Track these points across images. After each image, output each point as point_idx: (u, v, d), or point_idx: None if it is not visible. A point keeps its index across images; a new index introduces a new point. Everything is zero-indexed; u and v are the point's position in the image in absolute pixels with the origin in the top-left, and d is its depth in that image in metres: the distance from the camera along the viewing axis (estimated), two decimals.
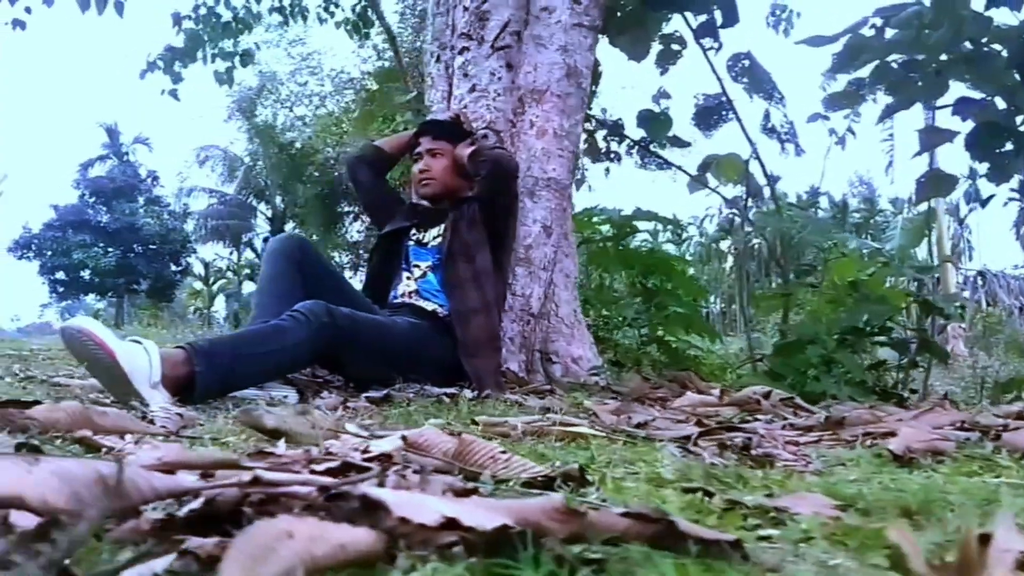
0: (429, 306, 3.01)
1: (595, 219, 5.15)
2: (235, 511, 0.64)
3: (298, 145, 26.67)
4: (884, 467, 1.24)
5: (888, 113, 4.72)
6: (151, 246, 30.49)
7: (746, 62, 5.06)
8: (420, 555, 0.57)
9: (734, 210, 5.12)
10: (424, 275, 3.12)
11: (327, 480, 0.64)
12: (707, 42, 5.07)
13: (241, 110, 26.73)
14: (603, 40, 5.04)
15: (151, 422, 1.47)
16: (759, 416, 2.11)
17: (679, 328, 4.83)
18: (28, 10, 7.55)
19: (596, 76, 5.35)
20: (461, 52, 3.51)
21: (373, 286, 3.25)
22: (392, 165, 3.59)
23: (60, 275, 30.17)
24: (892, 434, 1.50)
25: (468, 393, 2.59)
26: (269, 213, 30.49)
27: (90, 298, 33.84)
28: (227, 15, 8.67)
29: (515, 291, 3.29)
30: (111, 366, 2.03)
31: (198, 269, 35.04)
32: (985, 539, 0.55)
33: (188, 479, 0.68)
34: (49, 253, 29.71)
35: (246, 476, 0.64)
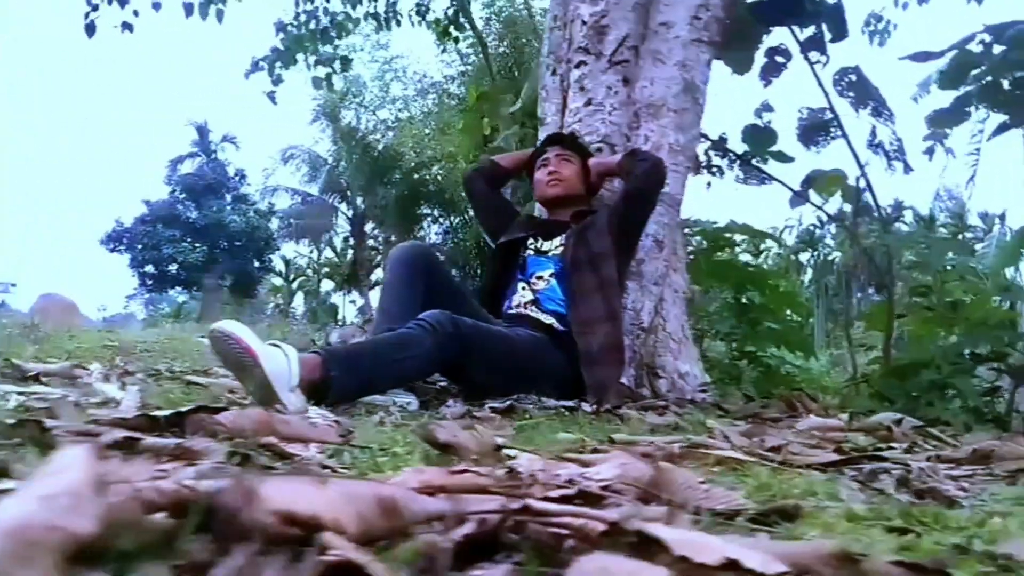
0: (546, 319, 3.04)
1: (689, 231, 5.12)
2: (495, 539, 0.67)
3: (380, 148, 27.04)
4: None
5: (1000, 131, 4.61)
6: (236, 243, 31.19)
7: (853, 76, 4.98)
8: None
9: (838, 225, 5.04)
10: (548, 284, 3.15)
11: (606, 514, 0.66)
12: (814, 56, 5.01)
13: (326, 112, 27.20)
14: None
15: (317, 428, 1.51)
16: (893, 445, 2.08)
17: (771, 343, 4.77)
18: (136, 13, 7.82)
19: None
20: (578, 66, 3.54)
21: (489, 296, 3.30)
22: (508, 180, 3.70)
23: (149, 268, 31.05)
24: None
25: (586, 407, 2.60)
26: (350, 213, 30.98)
27: (174, 292, 34.73)
28: (325, 20, 8.86)
29: (626, 305, 3.29)
30: (254, 369, 2.10)
31: (279, 266, 35.77)
32: None
33: (447, 503, 0.71)
34: (140, 247, 30.59)
35: (513, 504, 0.67)
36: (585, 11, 3.52)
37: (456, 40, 12.27)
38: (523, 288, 3.17)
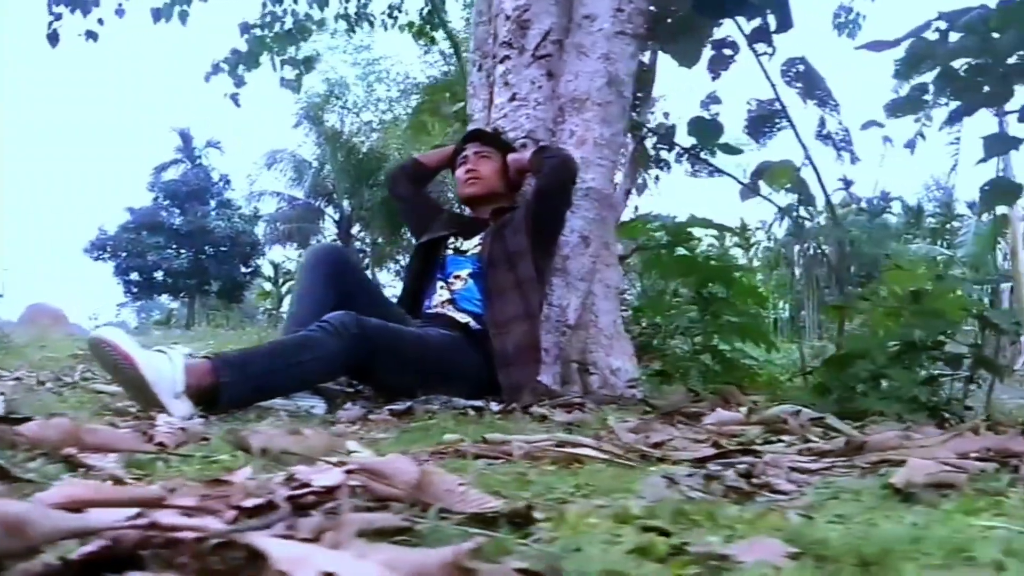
0: (462, 318, 3.01)
1: (649, 226, 5.09)
2: (133, 555, 0.63)
3: (365, 150, 27.02)
4: (885, 501, 1.19)
5: (953, 119, 4.58)
6: (222, 248, 31.12)
7: (800, 67, 4.95)
8: None
9: (789, 218, 5.01)
10: (465, 284, 3.12)
11: (219, 528, 0.62)
12: (760, 47, 4.98)
13: (309, 115, 27.15)
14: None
15: (151, 438, 1.48)
16: (784, 437, 2.05)
17: (734, 337, 4.74)
18: (101, 21, 7.77)
19: (649, 81, 5.31)
20: (502, 61, 3.50)
21: (409, 297, 3.27)
22: (431, 178, 3.67)
23: (134, 276, 30.94)
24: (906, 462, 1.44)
25: (494, 406, 2.57)
26: (336, 216, 30.91)
27: (163, 298, 34.66)
28: (290, 22, 8.83)
29: (551, 302, 3.25)
30: (133, 376, 2.07)
31: (267, 271, 35.67)
32: None
33: (93, 517, 0.67)
34: (124, 254, 30.50)
35: (145, 519, 0.63)
36: (508, 5, 3.48)
37: (432, 40, 12.25)
38: (441, 288, 3.14)
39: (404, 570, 0.57)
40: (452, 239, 3.28)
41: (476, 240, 3.20)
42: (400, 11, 10.74)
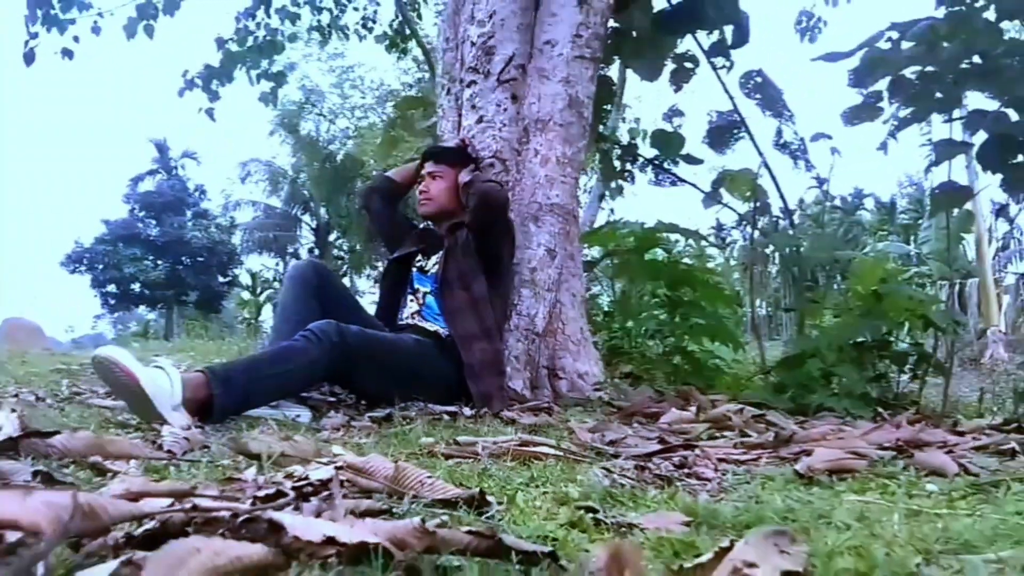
0: (431, 327, 3.20)
1: (619, 232, 5.28)
2: (182, 532, 0.84)
3: (341, 157, 27.13)
4: (789, 484, 1.41)
5: (904, 125, 4.81)
6: (199, 258, 31.16)
7: (758, 79, 5.19)
8: (308, 565, 0.76)
9: (748, 224, 5.24)
10: (424, 302, 3.31)
11: (243, 507, 0.84)
12: (719, 61, 5.23)
13: (284, 124, 27.24)
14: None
15: (160, 448, 1.68)
16: (727, 432, 2.27)
17: (704, 337, 4.94)
18: (76, 39, 7.90)
19: (614, 95, 5.54)
20: (469, 85, 3.71)
21: (384, 310, 3.44)
22: (403, 194, 3.80)
23: (111, 288, 30.94)
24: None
25: (467, 411, 2.78)
26: (313, 224, 31.03)
27: (141, 309, 34.58)
28: (261, 35, 8.98)
29: (520, 311, 3.47)
30: (136, 391, 2.25)
31: (245, 280, 35.71)
32: (724, 551, 0.72)
33: (148, 504, 0.88)
34: (100, 267, 30.49)
35: (188, 503, 0.84)
36: (473, 32, 3.70)
37: (404, 52, 12.44)
38: (411, 300, 3.34)
39: (383, 533, 0.78)
40: (419, 257, 3.45)
41: (434, 259, 3.37)
42: (374, 22, 10.97)
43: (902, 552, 0.84)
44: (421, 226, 3.68)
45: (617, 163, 5.39)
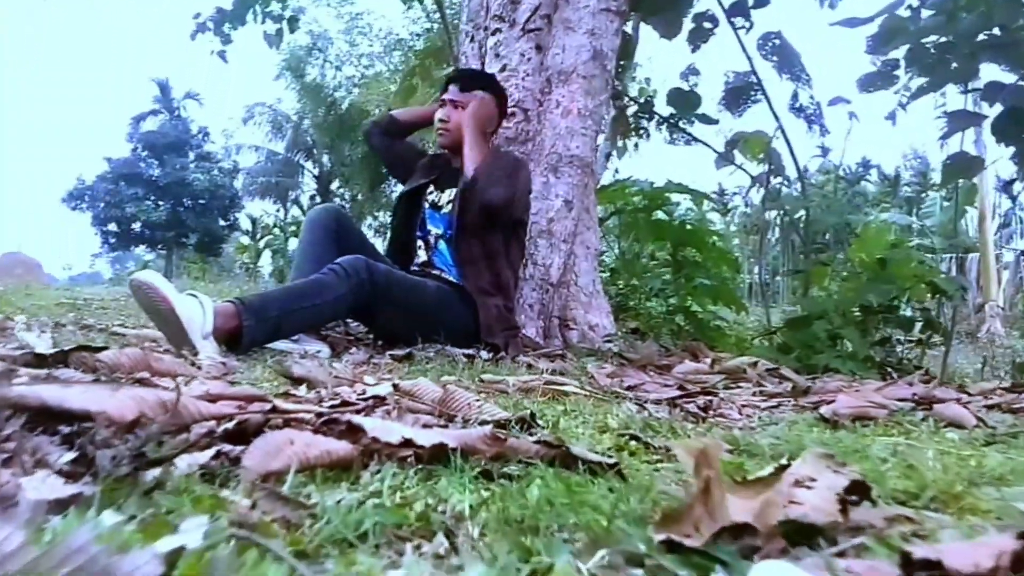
0: (446, 275, 3.19)
1: (628, 190, 5.30)
2: (259, 431, 0.88)
3: (346, 105, 26.95)
4: (814, 428, 1.46)
5: (920, 94, 4.81)
6: (200, 201, 31.09)
7: (776, 41, 5.18)
8: (388, 463, 0.81)
9: (760, 186, 5.25)
10: (435, 246, 3.26)
11: (322, 409, 0.88)
12: (738, 21, 5.21)
13: (291, 68, 27.00)
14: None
15: (199, 368, 1.72)
16: (743, 384, 2.32)
17: (707, 299, 4.99)
18: None
19: (630, 51, 5.53)
20: (494, 33, 3.71)
21: (396, 249, 3.40)
22: (408, 134, 3.68)
23: (112, 227, 30.93)
24: None
25: (484, 355, 2.83)
26: (316, 172, 30.90)
27: (140, 250, 34.59)
28: None
29: (536, 261, 3.50)
30: (170, 317, 2.29)
31: (245, 225, 35.66)
32: (783, 467, 0.77)
33: (226, 407, 0.92)
34: (102, 205, 30.42)
35: (267, 406, 0.88)
36: None
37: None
38: (420, 248, 3.32)
39: (455, 439, 0.83)
40: (431, 188, 3.35)
41: (448, 195, 3.26)
42: None
43: (946, 477, 0.89)
44: (432, 152, 3.59)
45: (632, 120, 5.39)
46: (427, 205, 3.35)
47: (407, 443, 0.80)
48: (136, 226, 30.70)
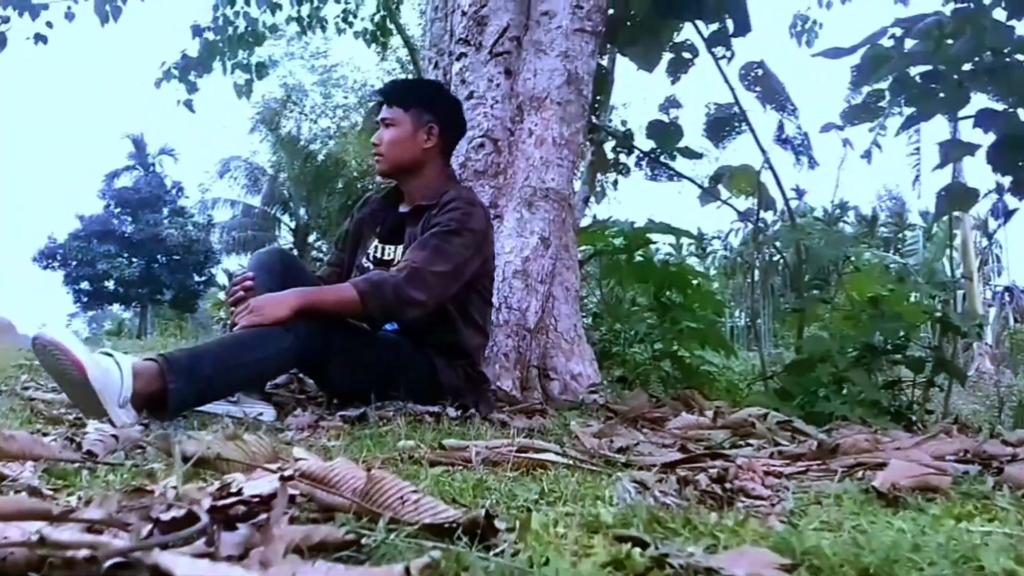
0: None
1: (608, 231, 5.02)
2: (26, 574, 0.53)
3: (322, 157, 26.80)
4: (868, 506, 1.11)
5: (908, 125, 4.59)
6: (175, 256, 30.74)
7: (759, 71, 4.94)
8: None
9: (748, 222, 4.99)
10: None
11: (119, 545, 0.53)
12: (719, 51, 4.96)
13: (265, 121, 26.84)
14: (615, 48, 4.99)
15: (79, 445, 1.36)
16: (751, 441, 1.98)
17: (694, 343, 4.69)
18: (50, 24, 7.52)
19: (607, 85, 5.26)
20: (459, 58, 3.41)
21: None
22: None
23: (84, 285, 30.50)
24: (884, 465, 1.37)
25: (452, 411, 2.46)
26: (292, 224, 30.59)
27: (115, 308, 34.15)
28: (242, 26, 8.66)
29: (511, 305, 3.16)
30: (82, 382, 1.93)
31: (222, 280, 35.23)
32: None
33: None
34: (74, 263, 30.02)
35: (33, 536, 0.53)
36: (465, 1, 3.40)
37: (386, 47, 12.10)
38: None
39: None
40: (374, 244, 2.85)
41: (397, 252, 2.76)
42: (355, 16, 10.61)
43: None
44: (373, 190, 3.19)
45: (611, 154, 5.10)
46: (370, 264, 2.81)
47: None
48: (109, 284, 30.29)
